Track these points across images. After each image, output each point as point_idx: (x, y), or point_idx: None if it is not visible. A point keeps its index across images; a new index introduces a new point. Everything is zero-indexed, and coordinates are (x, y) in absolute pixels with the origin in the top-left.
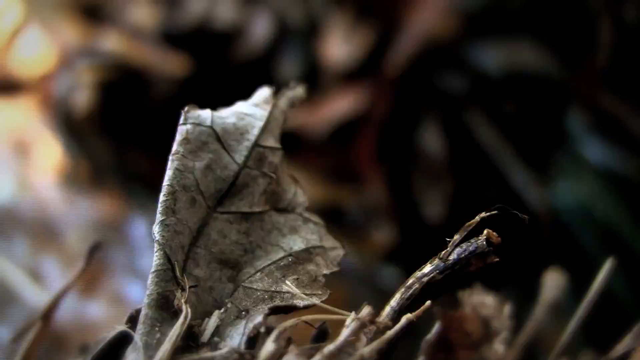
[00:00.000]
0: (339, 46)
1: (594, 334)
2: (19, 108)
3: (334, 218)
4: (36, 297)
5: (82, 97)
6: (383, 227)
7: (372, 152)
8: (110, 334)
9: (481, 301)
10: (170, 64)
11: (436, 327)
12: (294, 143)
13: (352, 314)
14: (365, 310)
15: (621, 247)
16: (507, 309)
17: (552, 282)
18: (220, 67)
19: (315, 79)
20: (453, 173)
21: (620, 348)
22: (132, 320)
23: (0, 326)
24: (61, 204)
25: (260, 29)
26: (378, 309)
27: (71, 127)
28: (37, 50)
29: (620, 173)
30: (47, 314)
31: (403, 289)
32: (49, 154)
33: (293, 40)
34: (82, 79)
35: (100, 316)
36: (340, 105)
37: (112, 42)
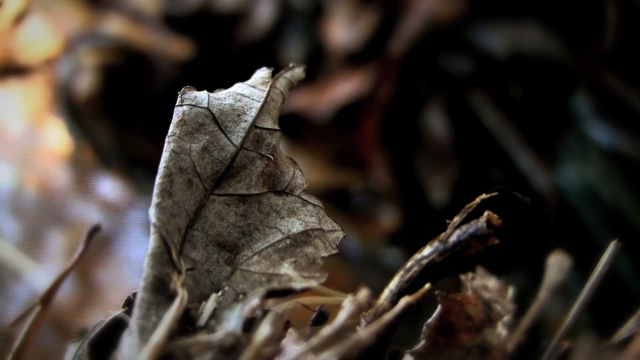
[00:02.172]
0: (343, 29)
1: (599, 317)
2: (22, 92)
3: (338, 201)
4: (37, 278)
5: (85, 81)
6: (388, 210)
7: (376, 135)
8: (107, 318)
9: (483, 284)
10: (172, 48)
11: (437, 311)
12: (298, 126)
13: (349, 297)
14: (363, 293)
15: (627, 229)
16: (510, 292)
17: (557, 265)
18: (223, 51)
19: (319, 62)
20: (458, 156)
21: (623, 332)
22: (129, 304)
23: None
24: (65, 186)
25: (263, 12)
26: (381, 291)
27: (74, 110)
28: (41, 35)
29: (627, 155)
30: (47, 298)
31: (402, 272)
32: (53, 137)
33: (297, 23)
34: (85, 63)
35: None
36: (344, 88)
37: (114, 26)
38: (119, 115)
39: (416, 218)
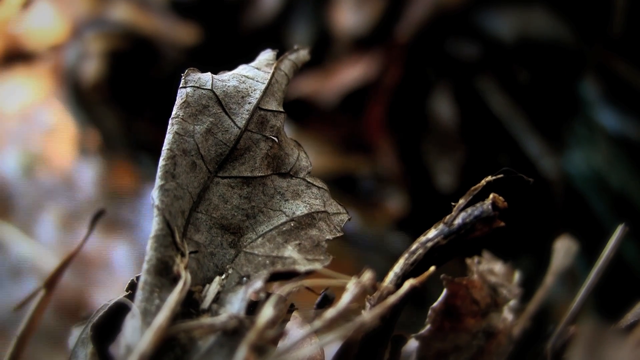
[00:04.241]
0: (350, 14)
1: (605, 302)
2: (30, 78)
3: (345, 187)
4: (43, 261)
5: (91, 67)
6: (395, 195)
7: (383, 120)
8: (111, 302)
9: (489, 268)
10: (179, 33)
11: (443, 295)
12: (305, 112)
13: (354, 279)
14: (367, 275)
15: (634, 214)
16: (517, 276)
17: (564, 250)
18: (230, 36)
19: (326, 47)
20: (465, 141)
21: (630, 316)
22: (133, 287)
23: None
24: (71, 172)
25: None
26: (386, 275)
27: (80, 96)
28: (47, 21)
29: (634, 140)
30: (52, 282)
31: (407, 255)
32: (59, 123)
33: (303, 8)
34: (92, 49)
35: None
36: (351, 74)
37: (121, 12)
38: (125, 100)
39: (423, 203)
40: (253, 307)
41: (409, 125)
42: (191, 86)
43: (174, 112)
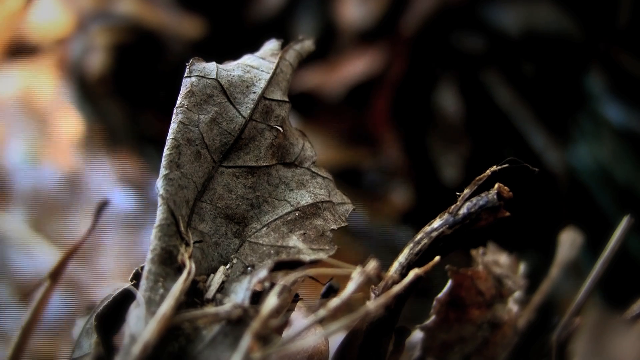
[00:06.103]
0: (355, 7)
1: (611, 295)
2: (35, 72)
3: (350, 180)
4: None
5: (97, 60)
6: (400, 188)
7: (388, 113)
8: (115, 291)
9: (495, 259)
10: (184, 26)
11: (448, 286)
12: (310, 105)
13: (358, 268)
14: (372, 264)
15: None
16: (522, 267)
17: (569, 242)
18: (235, 29)
19: (332, 41)
20: (470, 134)
21: (635, 308)
22: (137, 277)
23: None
24: (77, 166)
25: None
26: (390, 266)
27: (86, 89)
28: (53, 14)
29: None
30: (56, 273)
31: (412, 244)
32: (65, 117)
33: (308, 1)
34: (97, 42)
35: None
36: (356, 67)
37: (126, 5)
38: (130, 94)
39: (428, 196)
40: (257, 297)
41: (414, 119)
42: (196, 75)
43: (178, 102)
